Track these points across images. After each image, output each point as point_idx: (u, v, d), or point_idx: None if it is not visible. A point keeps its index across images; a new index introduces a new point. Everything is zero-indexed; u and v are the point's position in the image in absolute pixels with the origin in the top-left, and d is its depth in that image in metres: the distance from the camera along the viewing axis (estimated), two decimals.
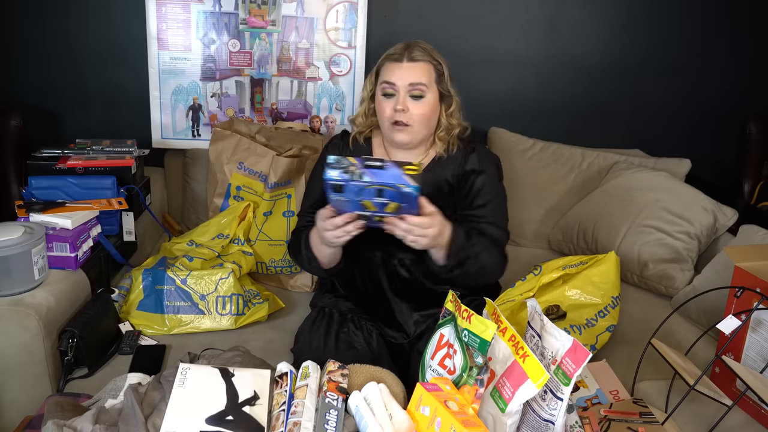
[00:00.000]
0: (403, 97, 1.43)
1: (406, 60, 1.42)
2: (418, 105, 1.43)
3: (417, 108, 1.43)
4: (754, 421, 1.30)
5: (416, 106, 1.43)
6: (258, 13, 2.14)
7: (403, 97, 1.43)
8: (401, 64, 1.43)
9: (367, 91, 1.52)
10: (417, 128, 1.45)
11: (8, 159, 2.13)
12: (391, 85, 1.43)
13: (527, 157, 2.20)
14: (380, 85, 1.45)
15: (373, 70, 1.51)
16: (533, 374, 0.98)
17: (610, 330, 1.59)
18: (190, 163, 2.14)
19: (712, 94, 2.45)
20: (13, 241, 1.38)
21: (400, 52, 1.44)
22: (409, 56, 1.43)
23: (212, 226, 1.87)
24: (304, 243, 1.47)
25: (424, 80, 1.43)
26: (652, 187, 1.97)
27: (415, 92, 1.42)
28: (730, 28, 2.38)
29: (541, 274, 1.65)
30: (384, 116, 1.45)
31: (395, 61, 1.43)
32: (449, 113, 1.49)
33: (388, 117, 1.44)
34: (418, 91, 1.42)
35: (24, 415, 1.26)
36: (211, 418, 1.00)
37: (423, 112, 1.44)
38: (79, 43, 2.21)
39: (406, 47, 1.45)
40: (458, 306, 1.12)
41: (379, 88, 1.46)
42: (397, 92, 1.43)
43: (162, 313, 1.63)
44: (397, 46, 1.46)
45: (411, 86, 1.42)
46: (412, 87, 1.42)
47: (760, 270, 1.33)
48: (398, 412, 1.02)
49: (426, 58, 1.44)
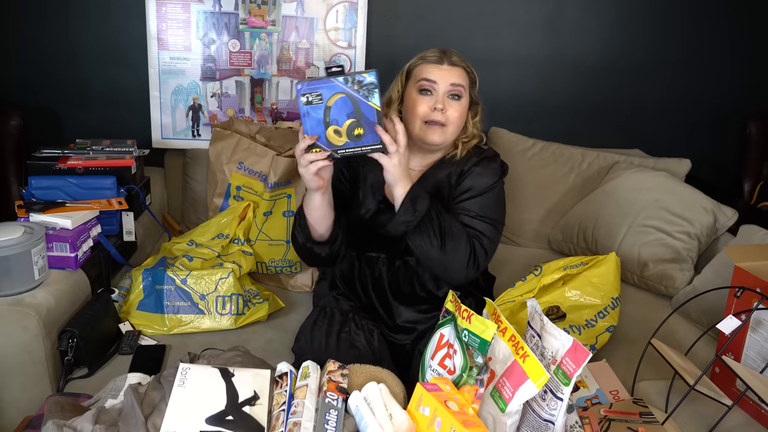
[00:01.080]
0: (443, 97, 1.42)
1: (446, 63, 1.43)
2: (456, 106, 1.43)
3: (454, 109, 1.43)
4: (754, 421, 1.30)
5: (454, 107, 1.43)
6: (258, 13, 2.14)
7: (442, 97, 1.42)
8: (441, 66, 1.43)
9: (397, 92, 1.49)
10: (452, 129, 1.44)
11: (8, 159, 2.13)
12: (431, 83, 1.42)
13: (527, 157, 2.20)
14: (417, 83, 1.44)
15: (403, 73, 1.49)
16: (533, 374, 0.98)
17: (610, 331, 1.59)
18: (190, 163, 2.14)
19: (712, 94, 2.46)
20: (13, 241, 1.38)
21: (440, 56, 1.44)
22: (450, 60, 1.43)
23: (212, 226, 1.87)
24: (298, 213, 1.46)
25: (462, 82, 1.43)
26: (652, 187, 1.97)
27: (455, 92, 1.43)
28: (730, 28, 2.38)
29: (541, 274, 1.65)
30: (417, 114, 1.43)
31: (435, 63, 1.43)
32: (475, 121, 1.50)
33: (423, 115, 1.43)
34: (457, 92, 1.43)
35: (24, 415, 1.26)
36: (211, 418, 1.00)
37: (459, 113, 1.44)
38: (79, 43, 2.21)
39: (443, 51, 1.45)
40: (458, 306, 1.12)
41: (414, 86, 1.45)
42: (436, 91, 1.42)
43: (162, 313, 1.63)
44: (434, 50, 1.46)
45: (452, 86, 1.42)
46: (453, 87, 1.42)
47: (760, 270, 1.33)
48: (398, 412, 1.02)
49: (463, 64, 1.45)
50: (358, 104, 1.24)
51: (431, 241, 1.36)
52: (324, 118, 1.25)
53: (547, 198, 2.17)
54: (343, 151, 1.27)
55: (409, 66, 1.48)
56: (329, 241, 1.46)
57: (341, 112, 1.24)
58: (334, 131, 1.26)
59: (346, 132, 1.26)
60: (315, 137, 1.26)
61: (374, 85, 1.23)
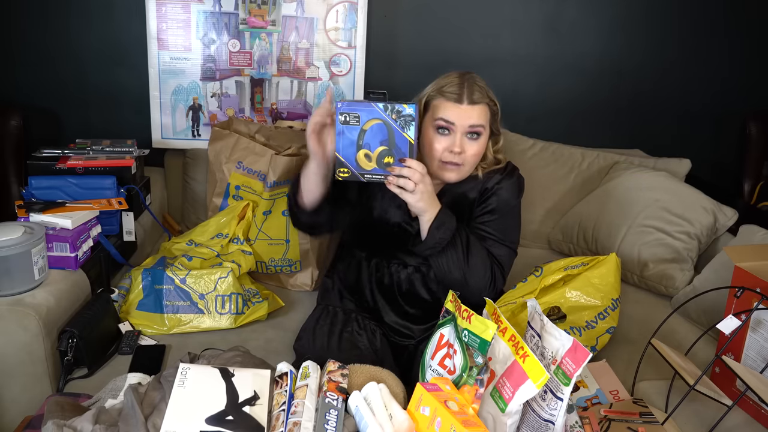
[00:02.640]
0: (460, 138, 1.37)
1: (467, 102, 1.37)
2: (474, 146, 1.39)
3: (472, 148, 1.39)
4: (754, 421, 1.30)
5: (471, 146, 1.39)
6: (258, 13, 2.14)
7: (460, 138, 1.37)
8: (461, 105, 1.36)
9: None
10: (467, 168, 1.41)
11: (8, 159, 2.13)
12: (449, 124, 1.37)
13: (527, 157, 2.20)
14: (435, 121, 1.38)
15: (421, 102, 1.42)
16: (533, 374, 0.98)
17: (610, 332, 1.59)
18: (190, 163, 2.14)
19: (712, 95, 2.46)
20: (13, 241, 1.38)
21: (459, 92, 1.37)
22: (470, 98, 1.37)
23: (211, 226, 1.87)
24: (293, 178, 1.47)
25: (482, 122, 1.39)
26: (652, 187, 1.97)
27: (473, 132, 1.38)
28: (729, 28, 2.38)
29: (542, 275, 1.65)
30: (434, 153, 1.39)
31: (454, 102, 1.36)
32: (497, 148, 1.47)
33: (440, 155, 1.39)
34: (477, 131, 1.39)
35: (24, 415, 1.26)
36: (211, 418, 1.00)
37: (477, 152, 1.40)
38: (79, 43, 2.21)
39: (463, 85, 1.37)
40: (458, 306, 1.12)
41: (431, 122, 1.39)
42: (454, 132, 1.37)
43: (161, 313, 1.63)
44: (454, 83, 1.38)
45: (471, 127, 1.37)
46: (471, 128, 1.37)
47: (760, 270, 1.33)
48: (398, 412, 1.02)
49: (485, 101, 1.39)
50: (393, 133, 1.25)
51: (454, 264, 1.37)
52: (357, 140, 1.27)
53: (547, 198, 2.17)
54: (369, 176, 1.29)
55: (427, 98, 1.41)
56: (312, 212, 1.45)
57: (375, 137, 1.26)
58: (365, 155, 1.27)
59: (376, 158, 1.27)
60: (327, 112, 1.29)
61: (412, 117, 1.25)
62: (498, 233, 1.45)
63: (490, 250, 1.43)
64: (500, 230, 1.46)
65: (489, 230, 1.45)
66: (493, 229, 1.45)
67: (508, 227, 1.47)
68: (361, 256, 1.56)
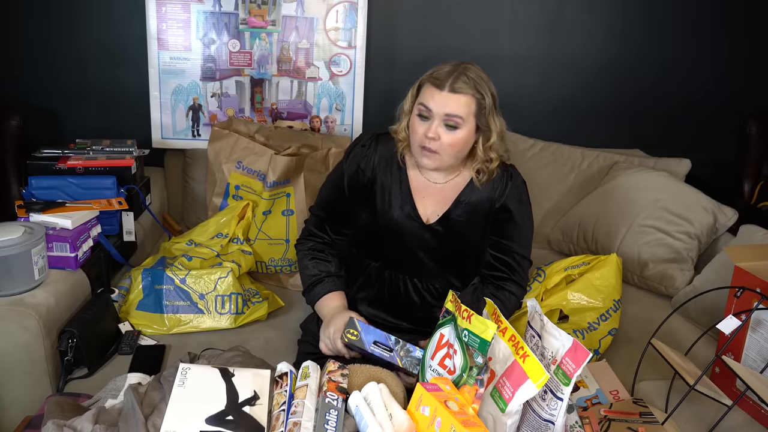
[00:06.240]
0: (437, 125, 1.36)
1: (447, 89, 1.34)
2: (450, 135, 1.37)
3: (448, 137, 1.37)
4: (754, 421, 1.30)
5: (448, 135, 1.37)
6: (258, 13, 2.14)
7: (436, 125, 1.36)
8: (441, 91, 1.35)
9: (408, 105, 1.44)
10: (444, 157, 1.40)
11: (8, 159, 2.13)
12: (427, 110, 1.36)
13: (527, 157, 2.20)
14: (417, 105, 1.39)
15: (416, 85, 1.42)
16: (533, 374, 0.98)
17: (612, 333, 1.59)
18: (190, 163, 2.14)
19: (712, 94, 2.46)
20: (13, 241, 1.38)
21: (444, 78, 1.35)
22: (452, 86, 1.34)
23: (211, 226, 1.87)
24: (311, 285, 1.49)
25: (460, 113, 1.35)
26: (652, 187, 1.97)
27: (449, 122, 1.36)
28: (730, 28, 2.38)
29: (545, 279, 1.65)
30: (415, 136, 1.40)
31: (436, 87, 1.35)
32: (487, 146, 1.42)
33: (419, 140, 1.39)
34: (452, 122, 1.36)
35: (24, 415, 1.26)
36: (211, 418, 1.00)
37: (453, 142, 1.38)
38: (79, 43, 2.21)
39: (452, 73, 1.36)
40: (458, 306, 1.12)
41: (416, 107, 1.40)
42: (432, 118, 1.36)
43: (161, 313, 1.63)
44: (444, 69, 1.37)
45: (446, 116, 1.35)
46: (447, 117, 1.35)
47: (760, 270, 1.33)
48: (398, 412, 1.02)
49: (469, 91, 1.35)
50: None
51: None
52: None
53: (547, 198, 2.17)
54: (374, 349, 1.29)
55: (421, 80, 1.41)
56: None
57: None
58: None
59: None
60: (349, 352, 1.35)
61: (418, 360, 1.25)
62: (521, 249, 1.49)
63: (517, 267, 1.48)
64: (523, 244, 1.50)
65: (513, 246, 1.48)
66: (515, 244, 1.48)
67: (526, 240, 1.52)
68: (374, 267, 1.53)
